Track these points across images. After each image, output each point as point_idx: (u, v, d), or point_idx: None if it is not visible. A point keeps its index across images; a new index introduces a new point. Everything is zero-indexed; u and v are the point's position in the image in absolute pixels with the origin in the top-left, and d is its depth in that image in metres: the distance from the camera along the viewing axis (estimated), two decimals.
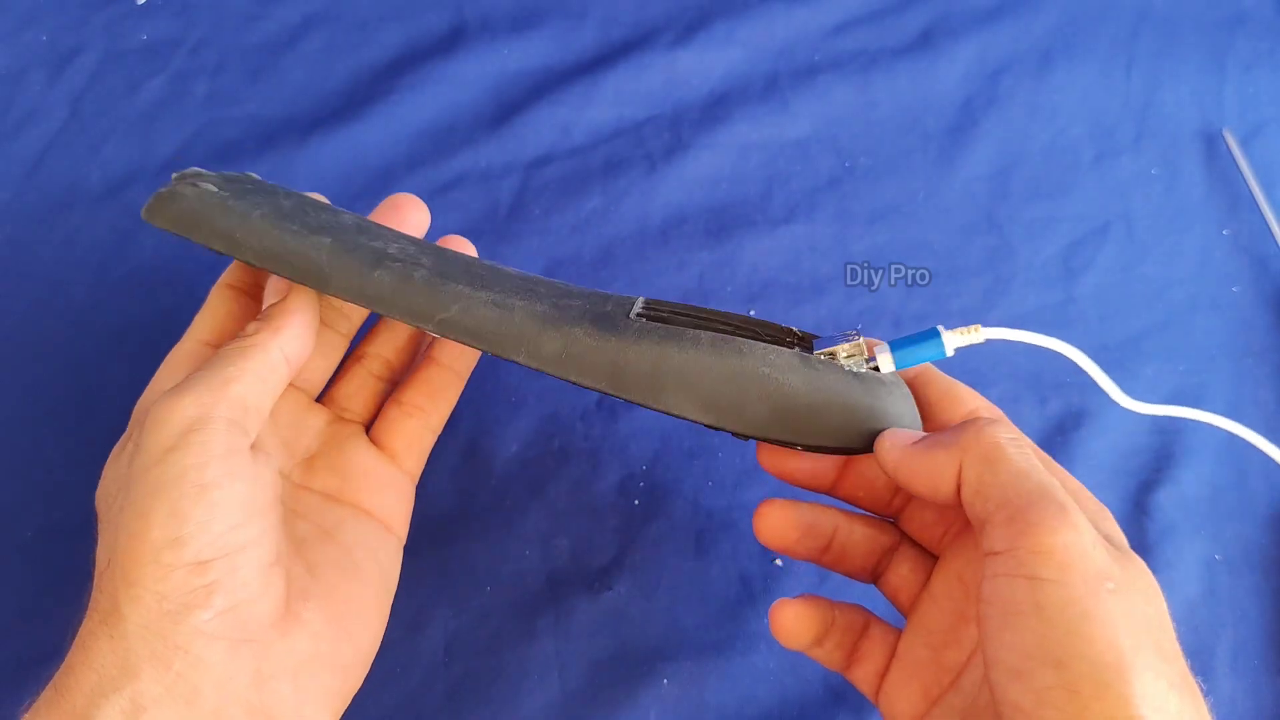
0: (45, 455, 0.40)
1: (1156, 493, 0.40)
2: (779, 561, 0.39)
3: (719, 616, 0.38)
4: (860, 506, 0.32)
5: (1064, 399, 0.42)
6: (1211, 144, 0.49)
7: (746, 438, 0.29)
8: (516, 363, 0.29)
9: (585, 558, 0.38)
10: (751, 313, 0.43)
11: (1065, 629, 0.22)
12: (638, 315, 0.30)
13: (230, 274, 0.34)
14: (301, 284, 0.30)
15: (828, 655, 0.31)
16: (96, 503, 0.29)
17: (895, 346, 0.29)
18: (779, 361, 0.28)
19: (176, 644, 0.25)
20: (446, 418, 0.35)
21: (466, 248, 0.36)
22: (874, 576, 0.32)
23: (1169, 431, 0.42)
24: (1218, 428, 0.42)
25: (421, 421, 0.34)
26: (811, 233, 0.46)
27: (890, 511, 0.32)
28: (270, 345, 0.29)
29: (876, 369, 0.29)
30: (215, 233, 0.30)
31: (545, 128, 0.48)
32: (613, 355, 0.28)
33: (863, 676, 0.31)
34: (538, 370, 0.29)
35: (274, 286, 0.32)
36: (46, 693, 0.26)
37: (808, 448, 0.29)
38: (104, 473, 0.30)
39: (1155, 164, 0.48)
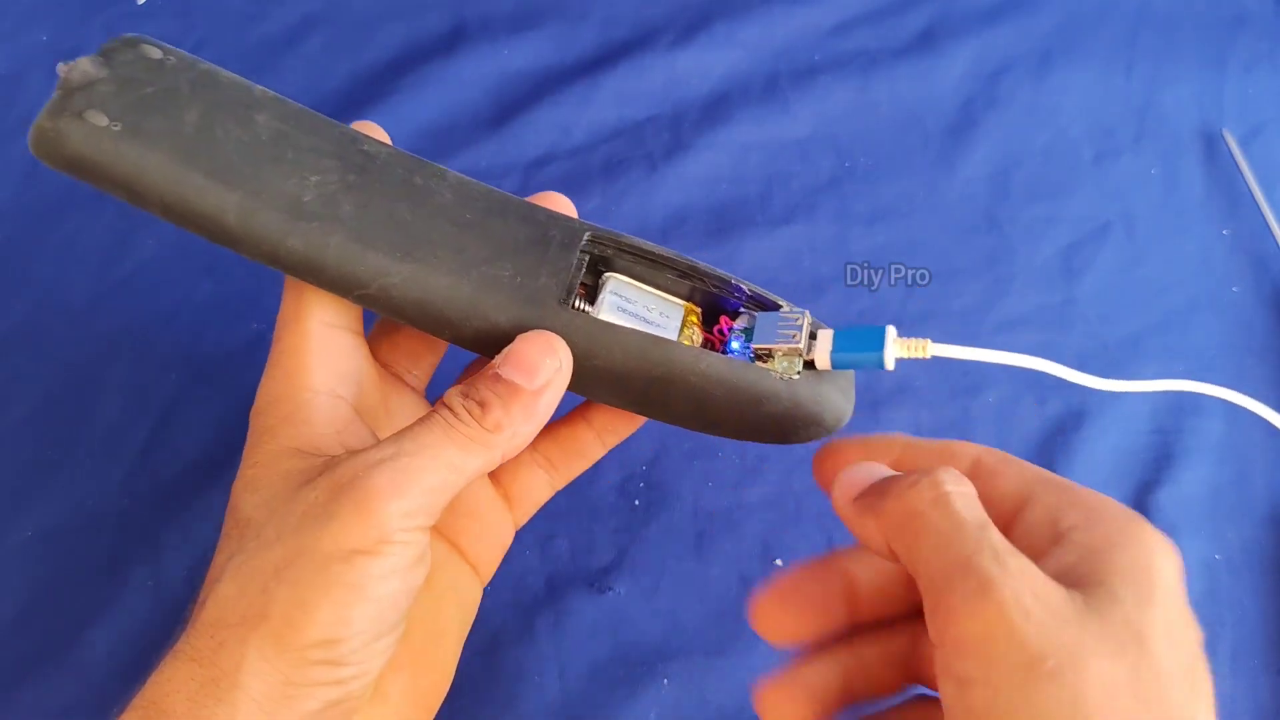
0: (45, 455, 0.40)
1: (1156, 493, 0.40)
2: (780, 561, 0.39)
3: (719, 617, 0.38)
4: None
5: (1064, 399, 0.42)
6: (1212, 144, 0.48)
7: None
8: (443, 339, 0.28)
9: (585, 558, 0.38)
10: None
11: None
12: (581, 253, 0.29)
13: None
14: (214, 243, 0.28)
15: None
16: (237, 516, 0.26)
17: (838, 343, 0.27)
18: (707, 370, 0.28)
19: None
20: (573, 480, 0.34)
21: (565, 206, 0.32)
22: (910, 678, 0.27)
23: (1169, 432, 0.42)
24: (1216, 428, 0.42)
25: (548, 477, 0.33)
26: (811, 233, 0.46)
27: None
28: (499, 445, 0.25)
29: (812, 364, 0.28)
30: (112, 182, 0.27)
31: (545, 128, 0.48)
32: None
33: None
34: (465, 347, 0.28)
35: (524, 355, 0.26)
36: None
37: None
38: (256, 484, 0.26)
39: (1155, 164, 0.48)
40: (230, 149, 0.28)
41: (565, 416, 0.32)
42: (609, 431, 0.33)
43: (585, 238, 0.30)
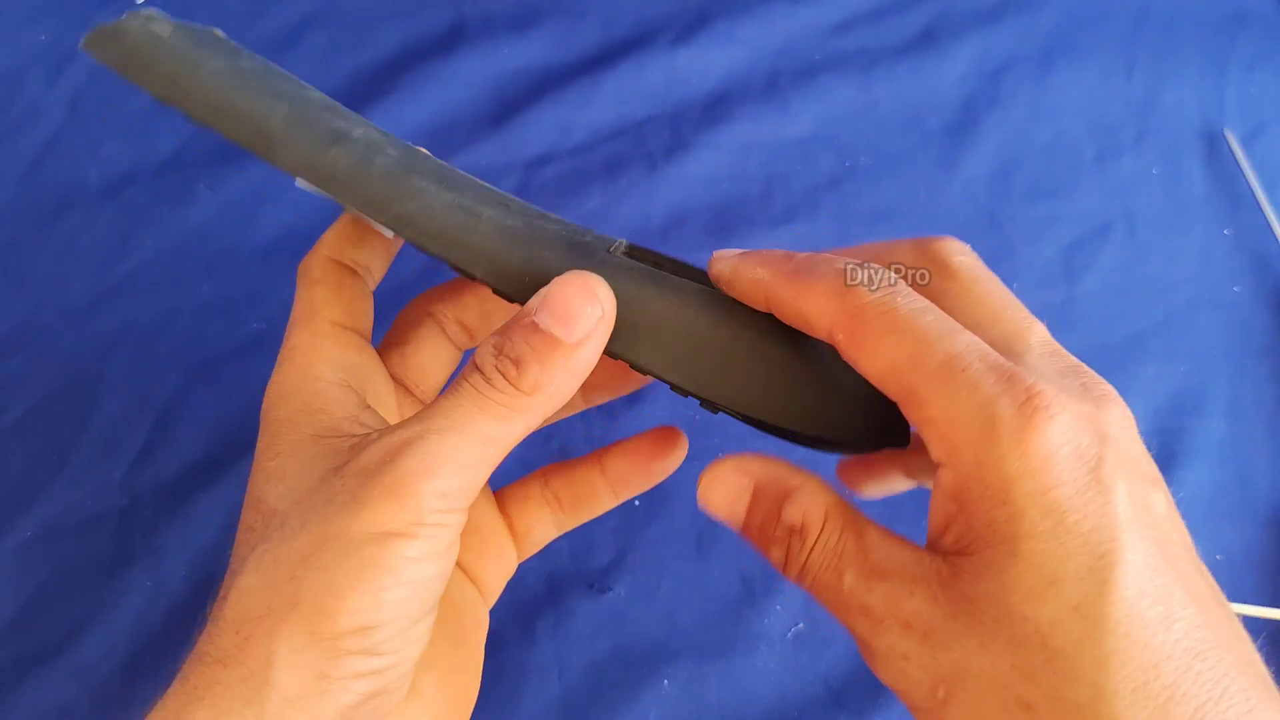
0: (44, 455, 0.40)
1: None
2: None
3: (719, 617, 0.38)
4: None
5: None
6: (1213, 143, 0.48)
7: (717, 409, 0.26)
8: (474, 279, 0.26)
9: (585, 559, 0.38)
10: None
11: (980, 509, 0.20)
12: (619, 253, 0.27)
13: (332, 245, 0.29)
14: (248, 148, 0.26)
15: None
16: (259, 507, 0.25)
17: None
18: (776, 332, 0.25)
19: None
20: (579, 523, 0.32)
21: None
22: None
23: (1170, 433, 0.42)
24: (1217, 429, 0.42)
25: (556, 517, 0.32)
26: (812, 232, 0.46)
27: None
28: (536, 409, 0.24)
29: None
30: (157, 76, 0.26)
31: (545, 127, 0.47)
32: None
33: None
34: (496, 291, 0.26)
35: (563, 300, 0.24)
36: None
37: (789, 435, 0.26)
38: (278, 475, 0.25)
39: (1156, 163, 0.48)
40: (282, 87, 0.27)
41: (583, 459, 0.31)
42: (623, 483, 0.31)
43: (622, 244, 0.27)
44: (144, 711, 0.23)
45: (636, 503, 0.39)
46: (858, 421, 0.25)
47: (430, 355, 0.31)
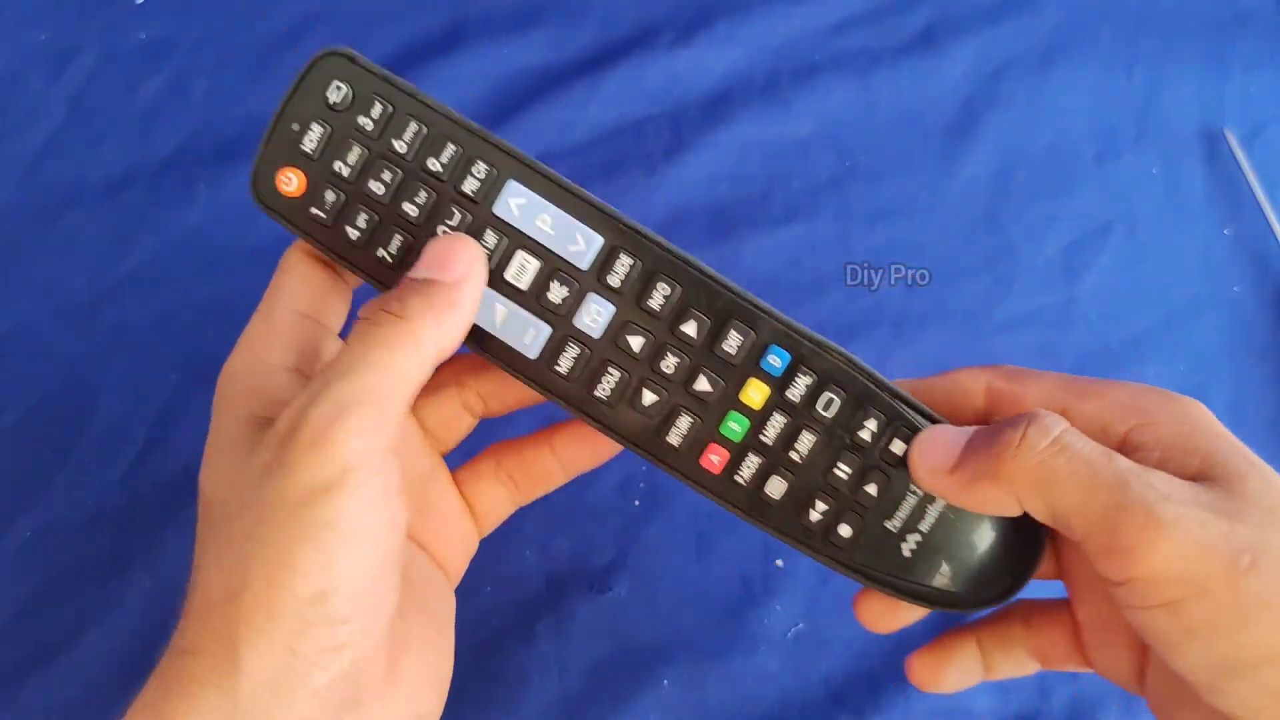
0: (44, 455, 0.40)
1: None
2: (780, 562, 0.39)
3: (720, 618, 0.38)
4: None
5: None
6: (1213, 143, 0.48)
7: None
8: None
9: (585, 558, 0.38)
10: None
11: (1234, 636, 0.20)
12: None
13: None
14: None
15: (1015, 668, 0.29)
16: (203, 500, 0.25)
17: None
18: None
19: (293, 709, 0.22)
20: (534, 499, 0.33)
21: None
22: None
23: None
24: None
25: (512, 495, 0.32)
26: (812, 232, 0.46)
27: None
28: (426, 337, 0.24)
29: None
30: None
31: (545, 127, 0.47)
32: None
33: (1063, 656, 0.28)
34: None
35: (438, 253, 0.26)
36: None
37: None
38: (214, 462, 0.25)
39: (1157, 163, 0.48)
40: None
41: (530, 437, 0.32)
42: (571, 462, 0.32)
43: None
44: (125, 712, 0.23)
45: (637, 503, 0.39)
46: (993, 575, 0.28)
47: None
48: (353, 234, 0.28)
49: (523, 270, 0.27)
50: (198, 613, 0.22)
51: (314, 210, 0.28)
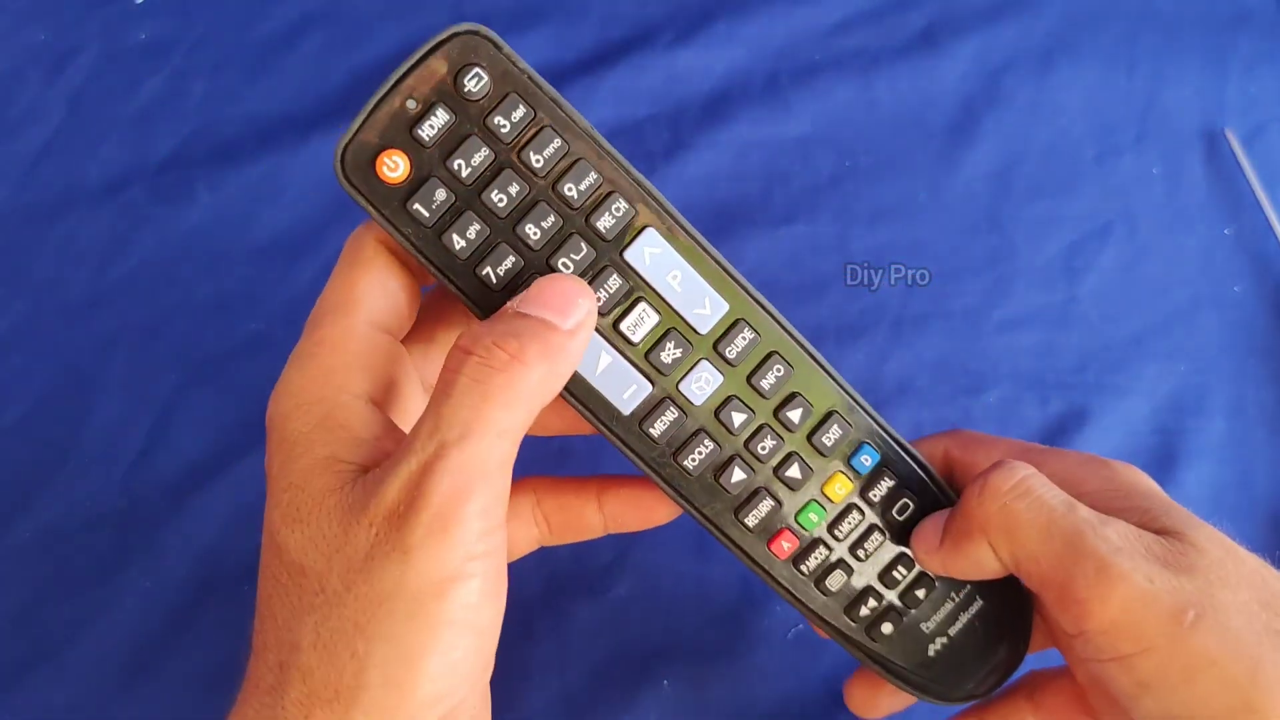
0: (44, 455, 0.40)
1: None
2: None
3: (719, 618, 0.38)
4: None
5: (1066, 399, 0.42)
6: (1213, 143, 0.48)
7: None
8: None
9: (585, 559, 0.38)
10: None
11: (1181, 693, 0.20)
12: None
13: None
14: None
15: None
16: (289, 564, 0.22)
17: None
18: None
19: None
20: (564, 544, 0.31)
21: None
22: None
23: (1172, 432, 0.42)
24: (1218, 428, 0.42)
25: (541, 536, 0.31)
26: (811, 232, 0.45)
27: None
28: (538, 390, 0.22)
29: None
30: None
31: None
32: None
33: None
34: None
35: (555, 293, 0.23)
36: None
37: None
38: (303, 521, 0.22)
39: (1157, 163, 0.48)
40: None
41: (576, 482, 0.30)
42: (617, 521, 0.30)
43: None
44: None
45: None
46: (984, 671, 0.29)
47: None
48: (458, 243, 0.24)
49: (639, 323, 0.26)
50: (298, 706, 0.20)
51: (416, 206, 0.24)
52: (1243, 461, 0.41)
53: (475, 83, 0.24)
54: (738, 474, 0.27)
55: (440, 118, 0.24)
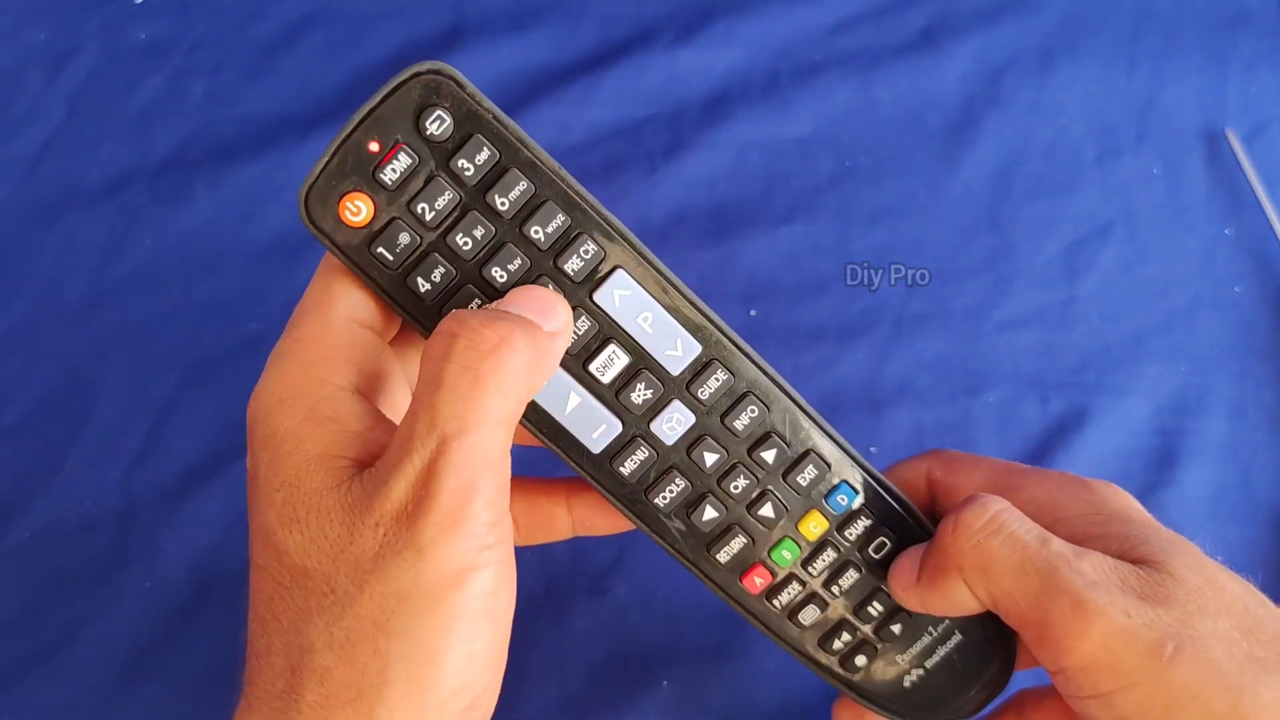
0: (43, 455, 0.40)
1: (1159, 494, 0.40)
2: None
3: (719, 619, 0.37)
4: None
5: (1066, 399, 0.42)
6: (1214, 143, 0.48)
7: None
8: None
9: (584, 560, 0.38)
10: (752, 313, 0.43)
11: None
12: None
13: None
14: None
15: None
16: (291, 566, 0.21)
17: None
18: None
19: None
20: (533, 545, 0.31)
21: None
22: None
23: (1171, 433, 0.42)
24: (1219, 429, 0.42)
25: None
26: (811, 232, 0.45)
27: None
28: (530, 378, 0.22)
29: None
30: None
31: (544, 127, 0.47)
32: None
33: None
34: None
35: (537, 300, 0.24)
36: None
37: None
38: (302, 521, 0.21)
39: (1157, 163, 0.48)
40: None
41: (544, 484, 0.30)
42: (586, 524, 0.30)
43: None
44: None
45: None
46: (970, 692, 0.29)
47: None
48: (422, 286, 0.24)
49: (609, 364, 0.25)
50: (316, 709, 0.20)
51: (379, 249, 0.24)
52: (1243, 462, 0.41)
53: (438, 125, 0.23)
54: (709, 512, 0.27)
55: (403, 160, 0.23)
